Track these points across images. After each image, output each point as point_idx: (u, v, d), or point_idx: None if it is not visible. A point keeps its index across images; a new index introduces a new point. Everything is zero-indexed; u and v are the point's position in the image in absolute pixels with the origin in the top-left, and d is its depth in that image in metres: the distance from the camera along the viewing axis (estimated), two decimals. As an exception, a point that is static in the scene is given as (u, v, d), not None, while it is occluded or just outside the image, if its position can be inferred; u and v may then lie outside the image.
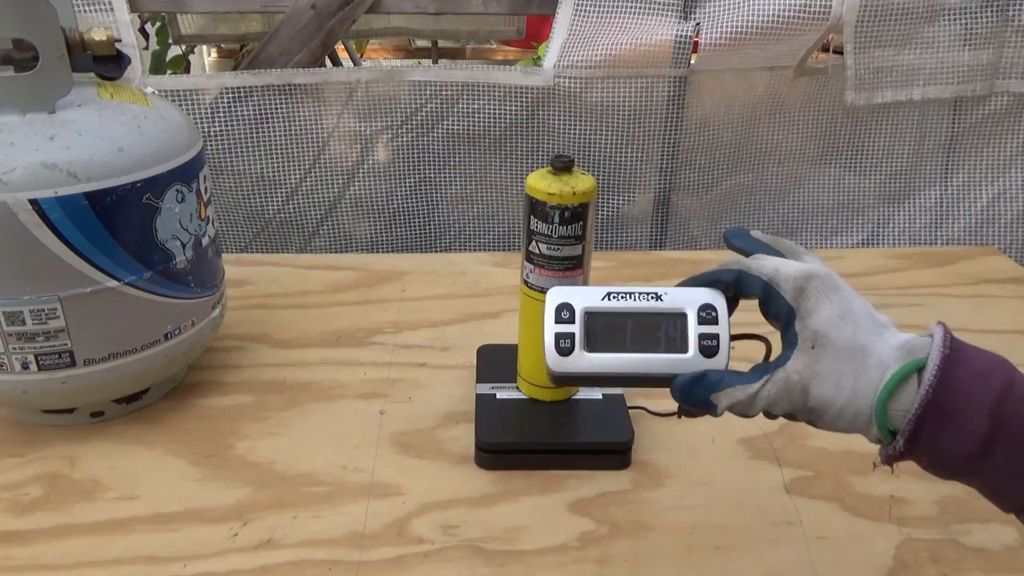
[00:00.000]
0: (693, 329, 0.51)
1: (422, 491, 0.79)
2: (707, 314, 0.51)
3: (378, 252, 1.52)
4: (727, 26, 1.30)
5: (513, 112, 1.40)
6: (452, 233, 1.54)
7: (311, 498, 0.77)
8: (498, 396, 0.87)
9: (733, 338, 0.51)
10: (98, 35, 0.77)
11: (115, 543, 0.71)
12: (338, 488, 0.79)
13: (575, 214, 0.77)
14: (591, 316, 0.52)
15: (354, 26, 1.42)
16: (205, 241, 0.86)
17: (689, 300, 0.52)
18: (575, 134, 1.43)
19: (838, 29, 1.32)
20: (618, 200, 1.51)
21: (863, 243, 1.57)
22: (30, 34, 0.71)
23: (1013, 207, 1.52)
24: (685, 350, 0.51)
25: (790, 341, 0.49)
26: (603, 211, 1.51)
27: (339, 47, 2.12)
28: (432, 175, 1.48)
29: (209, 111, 1.36)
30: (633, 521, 0.76)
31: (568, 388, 0.87)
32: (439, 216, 1.52)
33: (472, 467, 0.82)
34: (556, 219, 0.77)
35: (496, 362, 0.93)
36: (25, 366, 0.76)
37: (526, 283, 0.82)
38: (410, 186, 1.49)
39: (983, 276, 1.27)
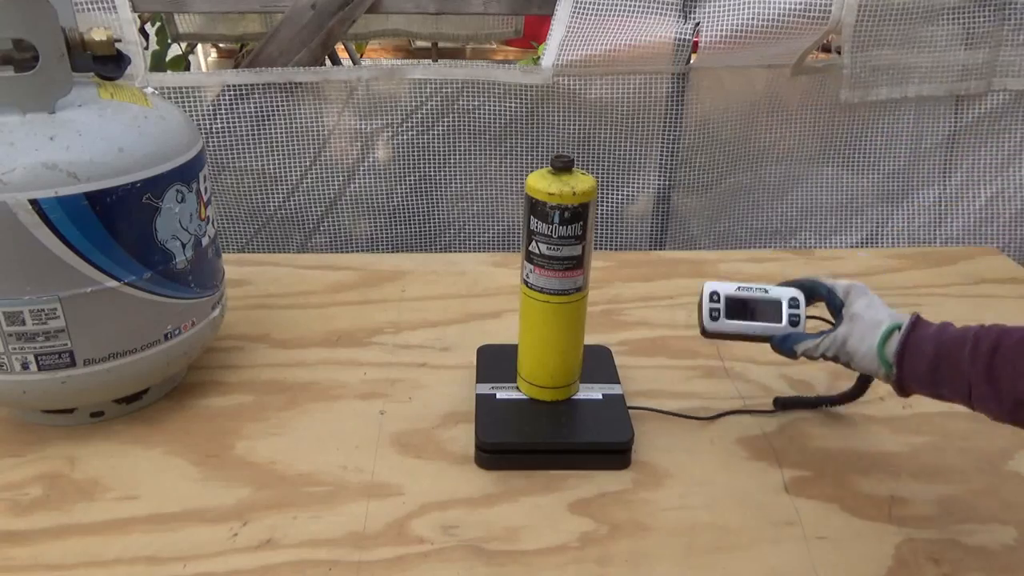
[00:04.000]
0: (785, 310, 0.81)
1: (422, 491, 0.79)
2: (792, 302, 0.81)
3: (378, 250, 1.52)
4: (727, 27, 1.30)
5: (512, 110, 1.40)
6: (452, 231, 1.54)
7: (311, 498, 0.77)
8: (498, 396, 0.87)
9: (808, 318, 0.81)
10: (98, 35, 0.77)
11: (115, 543, 0.71)
12: (338, 488, 0.79)
13: (575, 214, 0.77)
14: (729, 299, 0.82)
15: (353, 28, 1.41)
16: (205, 241, 0.86)
17: (783, 294, 0.82)
18: (574, 132, 1.43)
19: (837, 30, 1.32)
20: (618, 198, 1.51)
21: (862, 242, 1.57)
22: (30, 34, 0.71)
23: (1012, 205, 1.52)
24: (780, 321, 0.81)
25: (840, 320, 0.78)
26: (603, 209, 1.51)
27: (339, 47, 2.12)
28: (432, 173, 1.48)
29: (210, 109, 1.36)
30: (633, 521, 0.76)
31: (568, 388, 0.87)
32: (439, 214, 1.52)
33: (472, 467, 0.82)
34: (556, 219, 0.77)
35: (496, 362, 0.93)
36: (25, 366, 0.76)
37: (526, 283, 0.82)
38: (410, 184, 1.49)
39: (983, 276, 1.27)
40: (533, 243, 0.79)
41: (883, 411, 0.91)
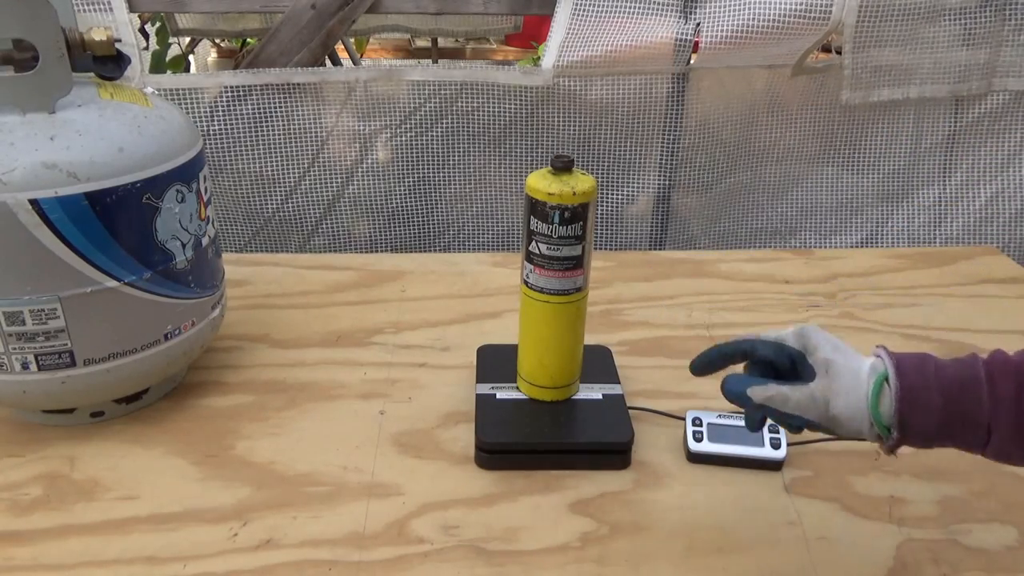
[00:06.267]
0: (766, 434, 0.82)
1: (422, 491, 0.79)
2: (772, 428, 0.82)
3: (377, 251, 1.52)
4: (727, 27, 1.30)
5: (512, 111, 1.40)
6: (451, 232, 1.54)
7: (311, 498, 0.77)
8: (498, 396, 0.87)
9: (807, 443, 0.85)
10: (98, 35, 0.77)
11: (115, 543, 0.71)
12: (338, 488, 0.79)
13: (575, 214, 0.77)
14: (710, 424, 0.85)
15: (353, 24, 1.41)
16: (205, 241, 0.86)
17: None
18: (574, 133, 1.43)
19: (838, 30, 1.33)
20: (618, 198, 1.51)
21: (862, 242, 1.57)
22: (30, 34, 0.71)
23: (1012, 205, 1.52)
24: (762, 444, 0.83)
25: (807, 374, 0.62)
26: (603, 209, 1.51)
27: (339, 47, 2.12)
28: (431, 174, 1.48)
29: (209, 110, 1.36)
30: (633, 521, 0.76)
31: (568, 388, 0.87)
32: (438, 215, 1.52)
33: (472, 467, 0.82)
34: (556, 219, 0.77)
35: (496, 362, 0.93)
36: (25, 366, 0.76)
37: (526, 283, 0.82)
38: (409, 185, 1.49)
39: (983, 276, 1.27)
40: (533, 243, 0.79)
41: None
